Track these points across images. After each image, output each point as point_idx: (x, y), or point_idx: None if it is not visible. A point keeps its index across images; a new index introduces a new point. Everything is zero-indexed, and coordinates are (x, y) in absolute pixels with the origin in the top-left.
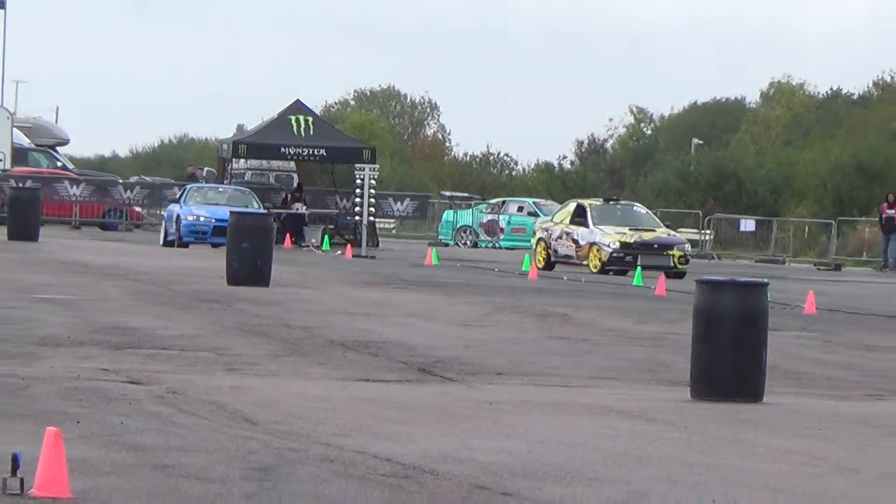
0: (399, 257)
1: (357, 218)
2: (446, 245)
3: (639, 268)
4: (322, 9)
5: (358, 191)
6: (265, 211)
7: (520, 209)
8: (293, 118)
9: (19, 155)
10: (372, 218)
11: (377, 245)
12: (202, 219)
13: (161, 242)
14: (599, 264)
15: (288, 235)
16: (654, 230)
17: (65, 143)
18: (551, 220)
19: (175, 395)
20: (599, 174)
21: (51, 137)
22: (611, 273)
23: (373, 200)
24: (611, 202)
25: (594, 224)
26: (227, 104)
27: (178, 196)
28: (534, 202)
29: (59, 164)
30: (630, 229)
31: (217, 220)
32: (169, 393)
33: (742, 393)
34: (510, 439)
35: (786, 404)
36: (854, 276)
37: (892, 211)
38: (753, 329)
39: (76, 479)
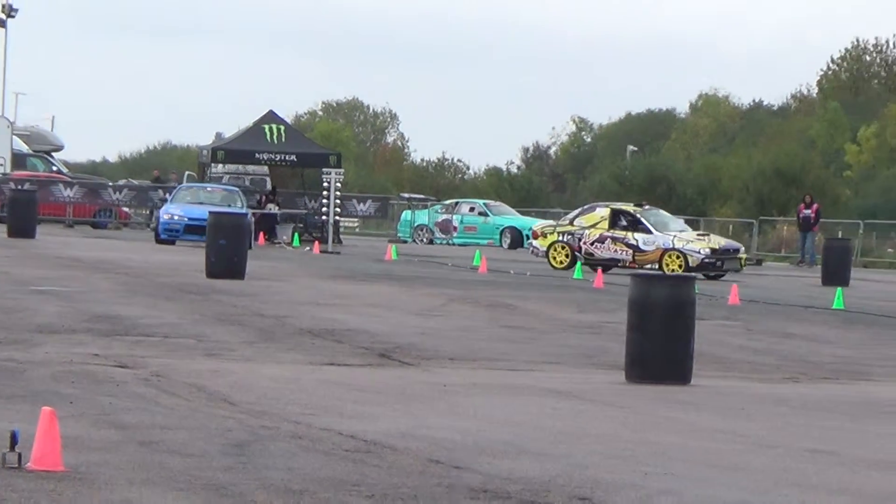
0: (362, 253)
1: (324, 217)
2: (405, 242)
3: (578, 263)
4: (293, 27)
5: (325, 193)
6: (243, 211)
7: (471, 209)
8: (267, 127)
9: (18, 160)
10: (338, 217)
11: (340, 241)
12: (175, 217)
13: (154, 239)
14: (680, 270)
15: (262, 233)
16: (710, 235)
17: (59, 149)
18: (571, 224)
19: (159, 378)
20: (543, 178)
21: (47, 144)
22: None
23: (338, 201)
24: (645, 207)
25: (656, 230)
26: (207, 114)
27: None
28: (484, 203)
29: (54, 168)
30: (699, 235)
31: (190, 218)
32: (153, 376)
33: (672, 376)
34: (462, 418)
35: (712, 386)
36: (773, 271)
37: (808, 211)
38: (682, 318)
39: (69, 454)
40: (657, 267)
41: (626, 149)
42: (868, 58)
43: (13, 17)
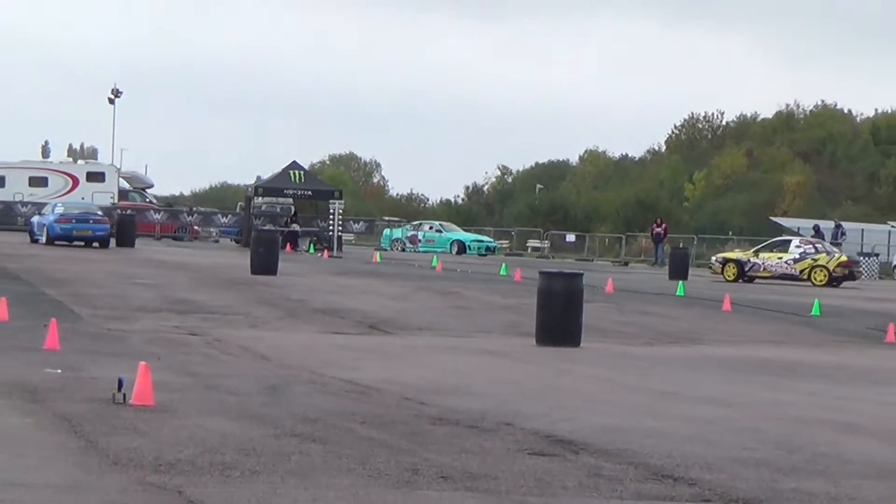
0: (356, 258)
1: (331, 233)
2: (385, 250)
3: (504, 264)
4: (307, 104)
5: (331, 216)
6: (273, 228)
7: (430, 228)
8: (291, 172)
9: (122, 194)
10: (340, 233)
11: (342, 250)
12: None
13: (30, 240)
14: (825, 279)
15: (288, 244)
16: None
17: (150, 187)
18: (742, 252)
19: (218, 342)
20: (479, 207)
21: (142, 183)
22: (835, 285)
23: (340, 222)
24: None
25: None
26: (251, 163)
27: (41, 211)
28: (439, 223)
29: (147, 199)
30: (826, 253)
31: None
32: (214, 341)
33: (567, 341)
34: (424, 369)
35: (594, 348)
36: (636, 270)
37: (659, 229)
38: (574, 302)
39: (157, 394)
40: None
41: (536, 187)
42: (699, 125)
43: (119, 97)
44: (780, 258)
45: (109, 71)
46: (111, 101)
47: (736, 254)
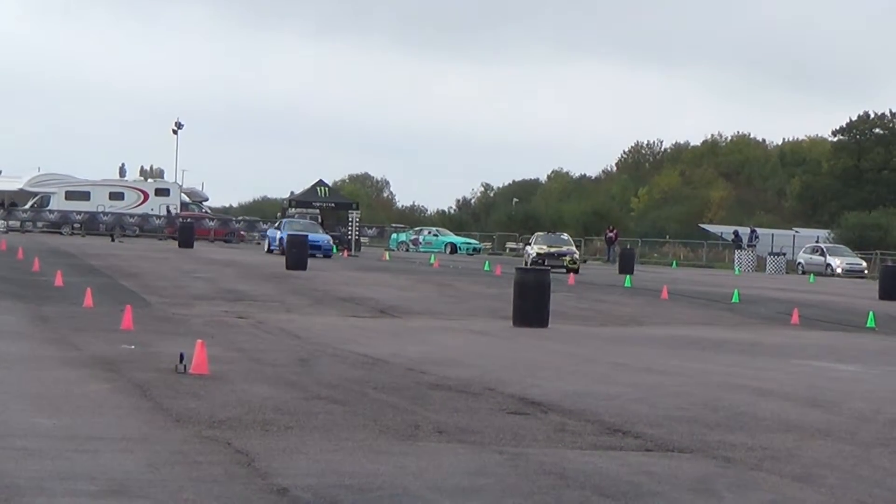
0: (370, 257)
1: (349, 237)
2: (393, 251)
3: (487, 262)
4: (330, 131)
5: (350, 223)
6: (305, 234)
7: (429, 233)
8: (318, 188)
9: (183, 206)
10: (357, 236)
11: (359, 250)
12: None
13: (265, 250)
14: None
15: None
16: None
17: (206, 200)
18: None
19: (260, 324)
20: (467, 216)
21: (199, 197)
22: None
23: (357, 228)
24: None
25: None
26: (286, 179)
27: (276, 224)
28: (436, 229)
29: (203, 210)
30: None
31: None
32: (258, 322)
33: (538, 323)
34: (424, 345)
35: (559, 329)
36: (592, 266)
37: (611, 234)
38: (543, 292)
39: (212, 365)
40: None
41: (512, 200)
42: (643, 150)
43: (181, 128)
44: None
45: (174, 106)
46: (174, 132)
47: None
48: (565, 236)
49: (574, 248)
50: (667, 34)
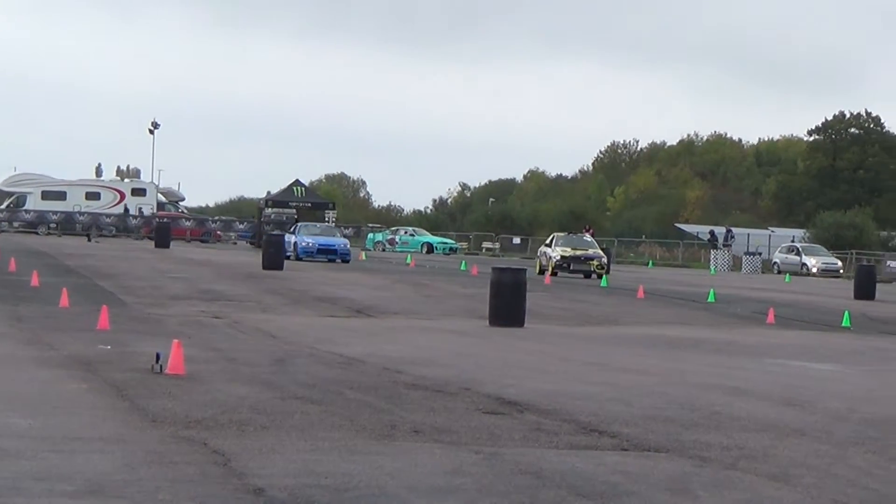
0: None
1: None
2: (370, 250)
3: (463, 261)
4: (306, 132)
5: (327, 223)
6: (280, 233)
7: (405, 232)
8: (295, 188)
9: (160, 206)
10: None
11: None
12: (310, 244)
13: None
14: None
15: None
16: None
17: (182, 200)
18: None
19: (236, 324)
20: (444, 216)
21: (175, 197)
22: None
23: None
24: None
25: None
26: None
27: (291, 230)
28: (412, 229)
29: (179, 210)
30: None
31: (320, 244)
32: (234, 322)
33: (514, 323)
34: (401, 345)
35: (535, 328)
36: None
37: (588, 234)
38: (519, 291)
39: (188, 365)
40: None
41: (489, 200)
42: (619, 150)
43: (158, 128)
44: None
45: (151, 106)
46: (151, 132)
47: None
48: (588, 237)
49: (600, 251)
50: (643, 34)
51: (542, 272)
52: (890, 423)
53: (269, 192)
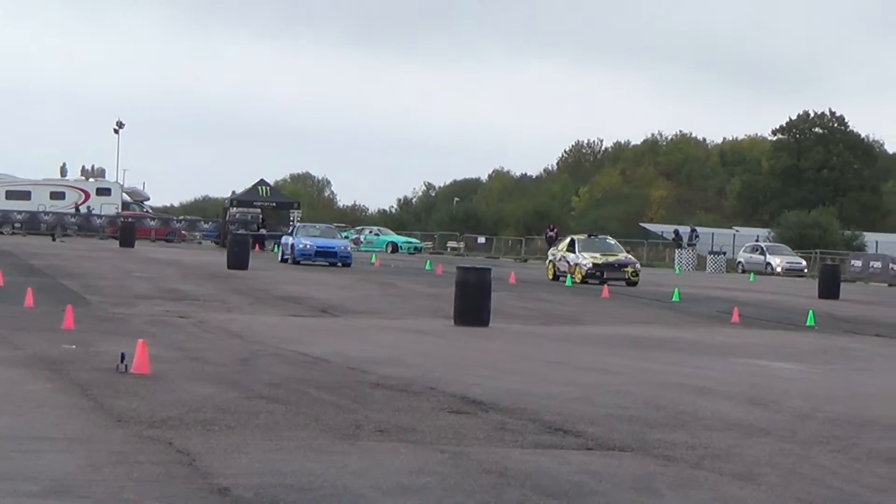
0: None
1: None
2: None
3: (428, 261)
4: (271, 131)
5: (291, 223)
6: (245, 232)
7: (370, 232)
8: (260, 187)
9: (124, 206)
10: None
11: None
12: (307, 246)
13: (279, 260)
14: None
15: (257, 245)
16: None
17: (147, 199)
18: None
19: (201, 323)
20: (409, 215)
21: (140, 197)
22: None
23: None
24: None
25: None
26: (228, 180)
27: (289, 231)
28: (377, 228)
29: (144, 209)
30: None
31: (318, 247)
32: (199, 322)
33: (478, 322)
34: (365, 345)
35: (500, 328)
36: (534, 265)
37: (552, 233)
38: (484, 290)
39: (153, 365)
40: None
41: (454, 199)
42: (584, 150)
43: (122, 127)
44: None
45: (115, 106)
46: (116, 131)
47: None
48: (611, 240)
49: (631, 256)
50: (608, 34)
51: (556, 278)
52: (854, 423)
53: (234, 192)
